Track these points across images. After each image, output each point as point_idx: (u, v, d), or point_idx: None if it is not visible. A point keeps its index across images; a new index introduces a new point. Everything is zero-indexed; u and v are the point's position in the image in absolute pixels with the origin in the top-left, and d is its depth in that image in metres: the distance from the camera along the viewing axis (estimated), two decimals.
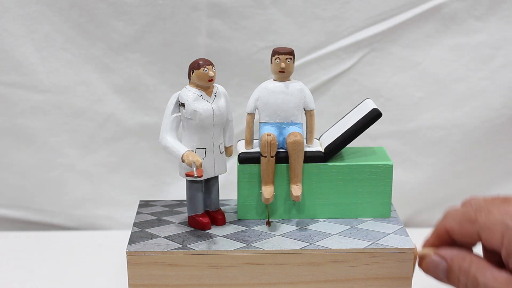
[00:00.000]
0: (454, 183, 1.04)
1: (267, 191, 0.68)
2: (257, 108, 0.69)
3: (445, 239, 0.62)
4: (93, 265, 0.90)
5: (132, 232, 0.68)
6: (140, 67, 0.98)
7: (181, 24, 0.95)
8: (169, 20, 0.95)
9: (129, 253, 0.64)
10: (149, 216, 0.73)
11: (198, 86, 0.66)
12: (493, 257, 0.58)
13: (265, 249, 0.65)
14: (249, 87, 0.97)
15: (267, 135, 0.66)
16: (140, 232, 0.69)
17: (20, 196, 1.02)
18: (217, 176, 0.70)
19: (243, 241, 0.66)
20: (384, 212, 0.71)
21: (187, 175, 0.65)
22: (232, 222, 0.71)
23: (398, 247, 0.65)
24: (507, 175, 1.04)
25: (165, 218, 0.72)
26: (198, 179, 0.66)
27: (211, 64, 0.65)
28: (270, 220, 0.70)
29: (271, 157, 0.67)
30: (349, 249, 0.65)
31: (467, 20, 0.96)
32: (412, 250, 0.65)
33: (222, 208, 0.72)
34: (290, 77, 0.69)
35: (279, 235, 0.67)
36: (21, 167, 1.01)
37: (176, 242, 0.66)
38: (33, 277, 0.88)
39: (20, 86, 0.97)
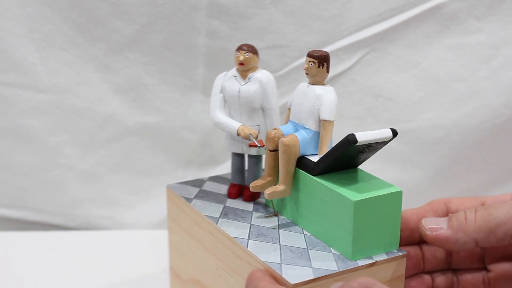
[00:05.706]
0: (454, 183, 1.04)
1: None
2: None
3: None
4: (93, 265, 0.90)
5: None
6: (140, 67, 0.98)
7: (181, 24, 0.95)
8: (169, 20, 0.95)
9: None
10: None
11: (237, 69, 0.70)
12: None
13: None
14: None
15: (274, 129, 0.67)
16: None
17: (20, 196, 1.02)
18: (260, 156, 0.72)
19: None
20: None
21: (250, 145, 0.68)
22: (257, 203, 0.73)
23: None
24: (507, 175, 1.04)
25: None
26: (262, 149, 0.69)
27: (245, 49, 0.68)
28: (277, 212, 0.71)
29: (270, 150, 0.67)
30: None
31: (467, 20, 0.96)
32: None
33: None
34: (325, 82, 0.67)
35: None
36: (21, 167, 1.01)
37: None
38: (33, 277, 0.88)
39: (20, 86, 0.97)
